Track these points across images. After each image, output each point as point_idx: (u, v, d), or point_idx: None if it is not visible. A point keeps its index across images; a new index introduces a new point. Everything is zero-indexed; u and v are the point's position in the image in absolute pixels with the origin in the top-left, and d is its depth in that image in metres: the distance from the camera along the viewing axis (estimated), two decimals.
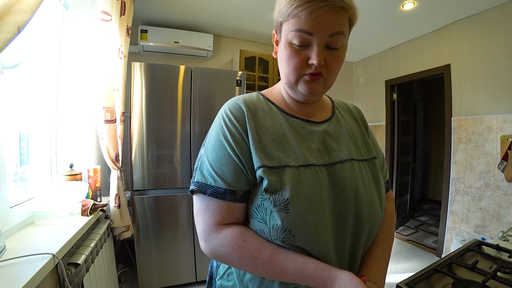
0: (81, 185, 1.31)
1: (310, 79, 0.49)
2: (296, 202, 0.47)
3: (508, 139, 1.99)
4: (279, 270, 0.47)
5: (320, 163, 0.52)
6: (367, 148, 0.60)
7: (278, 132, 0.53)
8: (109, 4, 1.39)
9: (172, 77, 1.86)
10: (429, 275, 0.79)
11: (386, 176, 0.66)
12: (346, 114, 0.64)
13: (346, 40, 0.50)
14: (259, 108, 0.55)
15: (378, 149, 0.65)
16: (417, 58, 2.74)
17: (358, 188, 0.52)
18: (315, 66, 0.48)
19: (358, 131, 0.62)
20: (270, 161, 0.49)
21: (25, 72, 1.20)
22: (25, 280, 0.67)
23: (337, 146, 0.56)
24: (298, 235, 0.46)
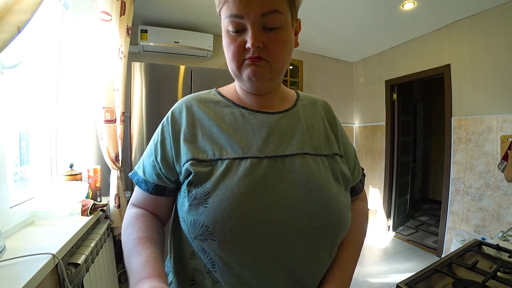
0: (81, 185, 1.31)
1: (251, 62, 0.46)
2: (217, 195, 0.43)
3: (508, 139, 1.99)
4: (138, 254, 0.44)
5: (263, 155, 0.47)
6: (327, 143, 0.54)
7: (218, 125, 0.50)
8: (109, 4, 1.39)
9: (172, 77, 1.86)
10: (429, 275, 0.79)
11: (359, 176, 0.62)
12: (310, 108, 0.58)
13: (286, 19, 0.46)
14: (207, 103, 0.54)
15: (347, 146, 0.59)
16: (417, 58, 2.74)
17: (312, 183, 0.46)
18: (252, 50, 0.45)
19: (320, 126, 0.56)
20: (202, 154, 0.48)
21: (25, 72, 1.19)
22: (25, 280, 0.67)
23: (289, 138, 0.50)
24: (217, 233, 0.41)
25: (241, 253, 0.42)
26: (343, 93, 3.60)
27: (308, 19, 2.40)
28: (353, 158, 0.60)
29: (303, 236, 0.44)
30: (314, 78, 3.33)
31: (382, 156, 3.19)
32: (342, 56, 3.46)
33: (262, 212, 0.42)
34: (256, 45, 0.44)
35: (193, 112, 0.53)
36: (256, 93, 0.54)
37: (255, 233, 0.42)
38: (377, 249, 2.77)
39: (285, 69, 0.51)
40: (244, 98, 0.55)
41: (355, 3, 2.10)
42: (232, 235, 0.41)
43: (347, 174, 0.53)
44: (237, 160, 0.46)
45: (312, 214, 0.44)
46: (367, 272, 2.24)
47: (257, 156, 0.47)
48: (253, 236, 0.42)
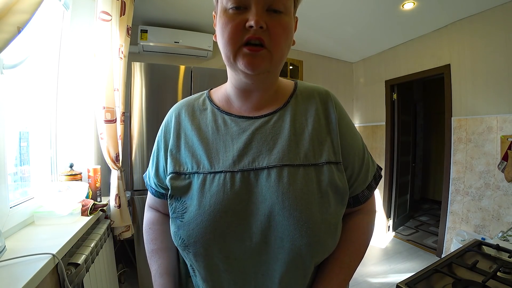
0: (81, 185, 1.31)
1: (250, 51, 0.41)
2: (192, 211, 0.43)
3: (508, 139, 1.99)
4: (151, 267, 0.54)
5: (237, 168, 0.44)
6: (319, 149, 0.46)
7: (199, 135, 0.49)
8: (109, 4, 1.39)
9: (172, 77, 1.86)
10: (429, 275, 0.79)
11: (364, 183, 0.51)
12: (304, 104, 0.50)
13: (290, 5, 0.43)
14: (194, 111, 0.53)
15: (349, 149, 0.49)
16: (417, 58, 2.74)
17: (287, 201, 0.41)
18: (254, 30, 0.40)
19: (313, 127, 0.47)
20: (183, 167, 0.48)
21: (25, 72, 1.20)
22: (25, 280, 0.67)
23: (269, 147, 0.45)
24: (191, 246, 0.43)
25: (213, 265, 0.44)
26: (343, 93, 3.60)
27: (308, 19, 2.40)
28: (358, 161, 0.50)
29: (274, 254, 0.42)
30: (314, 78, 3.33)
31: (382, 156, 3.19)
32: (342, 56, 3.46)
33: (234, 229, 0.42)
34: (260, 23, 0.39)
35: (180, 121, 0.52)
36: (249, 88, 0.49)
37: (226, 249, 0.42)
38: (377, 249, 2.77)
39: (283, 62, 0.47)
40: (233, 100, 0.51)
41: (355, 3, 2.10)
42: (204, 250, 0.42)
43: (340, 186, 0.45)
44: (212, 174, 0.45)
45: (283, 234, 0.41)
46: (367, 272, 2.24)
47: (231, 171, 0.44)
48: (224, 251, 0.43)
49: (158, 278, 0.52)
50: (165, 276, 0.52)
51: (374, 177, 0.53)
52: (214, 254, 0.43)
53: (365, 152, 0.52)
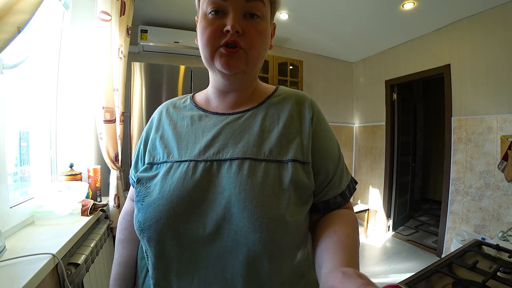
0: (81, 185, 1.31)
1: (226, 52, 0.44)
2: (152, 195, 0.45)
3: (508, 139, 1.99)
4: (114, 255, 0.60)
5: (201, 158, 0.45)
6: (286, 148, 0.46)
7: (174, 129, 0.52)
8: (109, 4, 1.39)
9: (172, 77, 1.86)
10: (429, 275, 0.79)
11: (337, 189, 0.50)
12: (277, 106, 0.51)
13: (266, 12, 0.47)
14: (176, 108, 0.56)
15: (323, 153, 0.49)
16: (417, 58, 2.74)
17: (243, 192, 0.41)
18: (230, 34, 0.43)
19: (282, 127, 0.48)
20: (155, 158, 0.50)
21: (25, 72, 1.20)
22: (25, 280, 0.67)
23: (235, 141, 0.47)
24: (145, 230, 0.43)
25: (165, 252, 0.43)
26: (343, 93, 3.60)
27: (308, 19, 2.40)
28: (332, 166, 0.49)
29: (228, 249, 0.41)
30: (314, 78, 3.33)
31: (382, 156, 3.19)
32: (342, 56, 3.46)
33: (188, 217, 0.42)
34: (236, 28, 0.43)
35: (161, 118, 0.56)
36: (226, 89, 0.52)
37: (179, 237, 0.42)
38: (377, 249, 2.77)
39: (260, 63, 0.50)
40: (212, 99, 0.55)
41: (355, 3, 2.10)
42: (157, 235, 0.42)
43: (304, 184, 0.44)
44: (178, 163, 0.46)
45: (237, 227, 0.40)
46: (367, 272, 2.24)
47: (195, 160, 0.46)
48: (177, 239, 0.42)
49: (115, 267, 0.58)
50: (123, 265, 0.58)
51: (348, 186, 0.52)
52: (167, 240, 0.42)
53: (340, 159, 0.52)
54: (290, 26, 2.54)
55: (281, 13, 2.28)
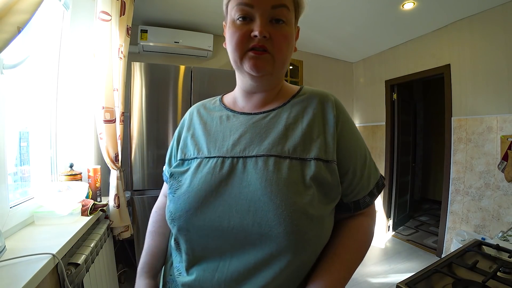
0: (81, 185, 1.31)
1: (255, 54, 0.46)
2: (183, 188, 0.48)
3: (508, 139, 1.99)
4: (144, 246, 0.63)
5: (229, 155, 0.48)
6: (309, 146, 0.47)
7: (204, 128, 0.56)
8: (109, 4, 1.39)
9: (172, 77, 1.86)
10: (429, 275, 0.79)
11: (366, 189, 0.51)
12: (301, 106, 0.52)
13: (291, 17, 0.49)
14: (206, 109, 0.60)
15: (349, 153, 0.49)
16: (417, 58, 2.74)
17: (268, 187, 0.43)
18: (258, 39, 0.46)
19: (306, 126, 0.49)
20: (186, 154, 0.54)
21: (25, 72, 1.20)
22: (25, 280, 0.67)
23: (261, 139, 0.49)
24: (176, 220, 0.47)
25: (193, 240, 0.47)
26: (343, 93, 3.60)
27: (308, 19, 2.40)
28: (360, 166, 0.50)
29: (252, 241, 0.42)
30: (314, 78, 3.33)
31: (382, 156, 3.19)
32: (342, 56, 3.46)
33: (214, 208, 0.45)
34: (263, 33, 0.45)
35: (192, 117, 0.60)
36: (253, 90, 0.54)
37: (206, 227, 0.45)
38: (377, 249, 2.77)
39: (286, 66, 0.52)
40: (239, 100, 0.57)
41: (355, 3, 2.10)
42: (186, 225, 0.46)
43: (327, 181, 0.45)
44: (207, 159, 0.50)
45: (261, 220, 0.41)
46: (367, 272, 2.24)
47: (223, 156, 0.49)
48: (203, 229, 0.45)
49: (144, 256, 0.62)
50: (150, 255, 0.62)
51: (376, 184, 0.53)
52: (194, 230, 0.46)
53: (367, 158, 0.52)
54: None
55: None
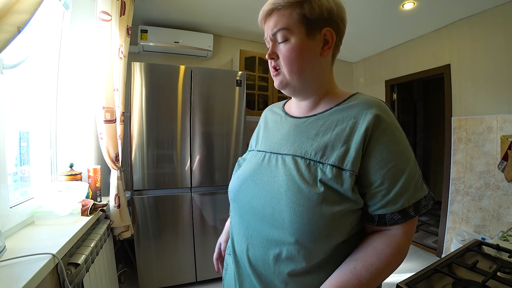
0: (81, 185, 1.31)
1: (273, 74, 0.59)
2: (239, 171, 0.66)
3: (508, 139, 1.99)
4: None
5: (269, 151, 0.61)
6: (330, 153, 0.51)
7: (264, 127, 0.71)
8: (109, 4, 1.39)
9: (172, 77, 1.86)
10: (429, 275, 0.79)
11: (395, 205, 0.49)
12: (341, 114, 0.54)
13: (294, 34, 0.53)
14: (273, 111, 0.73)
15: (380, 169, 0.49)
16: (417, 58, 2.74)
17: (286, 181, 0.51)
18: (269, 61, 0.59)
19: (336, 134, 0.52)
20: (250, 147, 0.73)
21: (25, 72, 1.20)
22: (25, 280, 0.67)
23: (294, 140, 0.57)
24: (229, 194, 0.65)
25: (235, 214, 0.64)
26: None
27: None
28: (389, 182, 0.48)
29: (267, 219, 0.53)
30: None
31: None
32: (342, 56, 3.46)
33: (249, 190, 0.58)
34: (270, 56, 0.57)
35: (263, 117, 0.76)
36: (294, 98, 0.66)
37: (243, 202, 0.60)
38: None
39: (305, 75, 0.56)
40: (292, 106, 0.67)
41: (355, 3, 2.10)
42: (233, 197, 0.63)
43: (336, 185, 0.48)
44: (258, 152, 0.64)
45: (276, 205, 0.51)
46: None
47: (265, 151, 0.62)
48: (241, 203, 0.60)
49: (226, 224, 0.81)
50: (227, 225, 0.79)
51: (414, 205, 0.50)
52: (237, 206, 0.62)
53: (405, 176, 0.49)
54: None
55: None
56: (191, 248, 1.93)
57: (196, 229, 1.94)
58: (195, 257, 1.95)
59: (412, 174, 0.50)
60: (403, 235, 0.50)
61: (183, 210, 1.90)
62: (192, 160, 1.91)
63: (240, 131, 2.05)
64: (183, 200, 1.90)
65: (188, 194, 1.91)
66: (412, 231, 0.52)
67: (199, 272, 1.97)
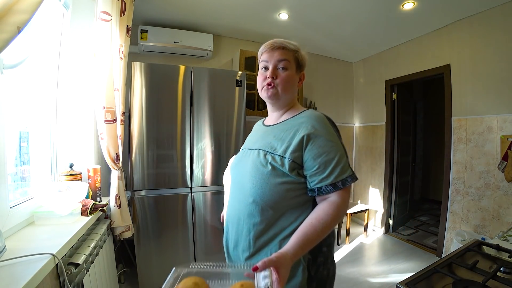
0: (81, 185, 1.31)
1: (266, 87, 0.83)
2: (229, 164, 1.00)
3: (508, 139, 1.99)
4: None
5: (247, 148, 0.90)
6: (281, 148, 0.77)
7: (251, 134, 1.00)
8: (109, 4, 1.39)
9: (172, 77, 1.86)
10: (429, 275, 0.79)
11: (326, 181, 0.72)
12: (293, 124, 0.81)
13: (291, 67, 0.83)
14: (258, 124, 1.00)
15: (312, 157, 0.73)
16: (417, 58, 2.74)
17: (251, 165, 0.80)
18: (268, 79, 0.81)
19: (288, 137, 0.78)
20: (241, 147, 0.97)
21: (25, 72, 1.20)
22: (25, 280, 0.67)
23: (262, 140, 0.85)
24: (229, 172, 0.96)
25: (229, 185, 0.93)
26: (343, 93, 3.60)
27: (308, 19, 2.40)
28: (322, 166, 0.73)
29: (239, 188, 0.84)
30: (314, 78, 3.33)
31: (382, 156, 3.19)
32: (342, 56, 3.46)
33: (235, 171, 0.90)
34: (271, 75, 0.81)
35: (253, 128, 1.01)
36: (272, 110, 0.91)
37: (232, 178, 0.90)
38: (377, 249, 2.77)
39: (288, 95, 0.84)
40: (267, 119, 0.94)
41: (355, 3, 2.10)
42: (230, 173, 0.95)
43: (278, 165, 0.75)
44: (242, 150, 0.93)
45: (243, 179, 0.82)
46: (367, 272, 2.24)
47: (246, 148, 0.91)
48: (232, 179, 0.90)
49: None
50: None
51: (342, 180, 0.72)
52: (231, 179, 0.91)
53: (334, 162, 0.73)
54: (290, 26, 2.54)
55: (281, 13, 2.28)
56: (191, 248, 1.93)
57: (196, 229, 1.94)
58: (195, 257, 1.95)
59: (339, 161, 0.73)
60: (339, 199, 0.72)
61: (183, 210, 1.90)
62: (192, 160, 1.91)
63: (240, 131, 2.05)
64: (183, 200, 1.90)
65: (188, 194, 1.91)
66: (346, 197, 0.74)
67: None
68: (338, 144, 0.76)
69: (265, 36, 2.83)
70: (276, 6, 2.17)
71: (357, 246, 2.82)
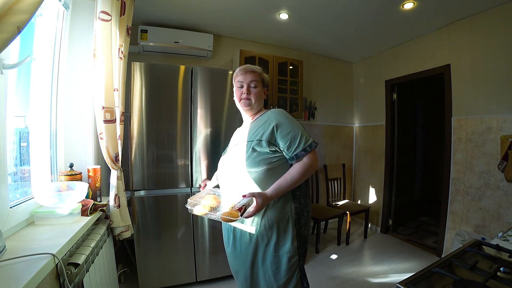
0: (81, 185, 1.31)
1: (244, 100, 1.16)
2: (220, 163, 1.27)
3: (508, 139, 1.99)
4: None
5: (234, 144, 1.19)
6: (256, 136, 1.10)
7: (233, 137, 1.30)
8: (109, 4, 1.39)
9: (172, 77, 1.86)
10: (429, 275, 0.79)
11: (297, 149, 1.05)
12: (263, 119, 1.15)
13: (259, 85, 1.19)
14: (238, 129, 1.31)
15: (282, 136, 1.06)
16: (417, 58, 2.74)
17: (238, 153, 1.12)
18: (245, 94, 1.16)
19: (261, 127, 1.11)
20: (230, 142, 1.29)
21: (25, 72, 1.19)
22: (25, 280, 0.67)
23: (246, 134, 1.16)
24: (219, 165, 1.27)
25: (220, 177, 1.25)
26: (343, 93, 3.60)
27: (308, 19, 2.40)
28: (291, 141, 1.06)
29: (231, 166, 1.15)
30: (314, 78, 3.33)
31: (382, 156, 3.19)
32: (342, 56, 3.46)
33: (227, 160, 1.19)
34: (246, 91, 1.16)
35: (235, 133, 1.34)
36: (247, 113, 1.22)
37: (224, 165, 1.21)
38: (377, 249, 2.77)
39: (258, 104, 1.20)
40: (243, 124, 1.28)
41: (355, 3, 2.10)
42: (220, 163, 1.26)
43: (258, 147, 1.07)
44: (228, 148, 1.27)
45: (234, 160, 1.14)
46: (367, 272, 2.24)
47: (230, 147, 1.24)
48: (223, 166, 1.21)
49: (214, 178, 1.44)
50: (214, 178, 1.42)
51: (309, 145, 1.06)
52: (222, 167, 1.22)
53: (298, 137, 1.06)
54: (290, 26, 2.54)
55: (281, 13, 2.28)
56: (191, 248, 1.93)
57: (196, 229, 1.94)
58: (195, 257, 1.95)
59: (303, 134, 1.07)
60: (308, 159, 1.06)
61: (183, 210, 1.90)
62: (192, 160, 1.91)
63: None
64: (183, 200, 1.90)
65: (188, 194, 1.91)
66: (313, 157, 1.07)
67: (199, 272, 1.97)
68: (298, 124, 1.11)
69: (265, 36, 2.83)
70: (276, 6, 2.17)
71: (357, 246, 2.82)
